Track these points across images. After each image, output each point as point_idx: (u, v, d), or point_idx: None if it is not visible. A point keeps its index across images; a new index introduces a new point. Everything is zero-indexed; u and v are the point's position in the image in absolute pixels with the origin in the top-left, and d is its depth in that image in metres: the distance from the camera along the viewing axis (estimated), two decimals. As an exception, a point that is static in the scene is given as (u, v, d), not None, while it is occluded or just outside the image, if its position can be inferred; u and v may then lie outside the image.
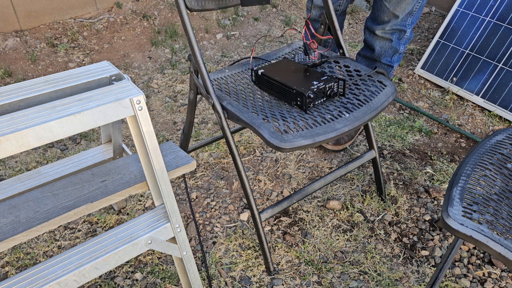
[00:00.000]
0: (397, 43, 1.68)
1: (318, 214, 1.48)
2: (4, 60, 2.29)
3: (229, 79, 1.35)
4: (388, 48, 1.70)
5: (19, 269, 1.28)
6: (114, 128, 1.15)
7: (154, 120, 1.96)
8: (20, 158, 1.71)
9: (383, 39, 1.69)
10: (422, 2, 1.60)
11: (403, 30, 1.64)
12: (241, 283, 1.25)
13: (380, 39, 1.70)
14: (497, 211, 0.90)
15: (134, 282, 1.25)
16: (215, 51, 2.58)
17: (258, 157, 1.75)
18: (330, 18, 1.41)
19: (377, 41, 1.71)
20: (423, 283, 1.26)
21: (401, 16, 1.60)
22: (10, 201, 0.89)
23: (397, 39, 1.68)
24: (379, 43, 1.71)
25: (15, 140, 0.68)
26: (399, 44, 1.69)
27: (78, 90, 0.84)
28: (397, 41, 1.68)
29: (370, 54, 1.76)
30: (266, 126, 1.08)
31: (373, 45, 1.73)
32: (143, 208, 1.49)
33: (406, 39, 1.69)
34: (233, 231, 1.42)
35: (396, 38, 1.67)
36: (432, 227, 1.45)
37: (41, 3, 2.47)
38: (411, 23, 1.64)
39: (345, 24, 2.98)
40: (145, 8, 2.81)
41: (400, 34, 1.66)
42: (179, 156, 1.03)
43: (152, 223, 0.93)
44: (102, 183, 0.94)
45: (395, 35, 1.67)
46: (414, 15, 1.63)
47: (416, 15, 1.63)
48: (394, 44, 1.68)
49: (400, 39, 1.68)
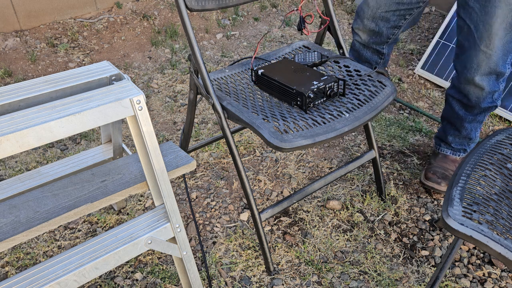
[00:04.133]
0: (495, 85, 1.37)
1: (318, 214, 1.48)
2: (4, 60, 2.29)
3: (229, 79, 1.35)
4: (487, 94, 1.40)
5: (19, 269, 1.28)
6: (114, 128, 1.15)
7: (154, 120, 1.96)
8: (20, 158, 1.71)
9: (476, 87, 1.39)
10: None
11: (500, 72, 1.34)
12: (241, 283, 1.25)
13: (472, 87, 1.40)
14: (497, 211, 0.90)
15: (134, 282, 1.25)
16: (215, 51, 2.58)
17: (258, 157, 1.75)
18: (330, 18, 1.41)
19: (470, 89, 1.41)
20: (423, 283, 1.26)
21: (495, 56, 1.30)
22: (10, 201, 0.89)
23: (495, 81, 1.37)
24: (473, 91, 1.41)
25: (15, 140, 0.68)
26: (497, 85, 1.38)
27: (78, 90, 0.84)
28: (495, 83, 1.37)
29: (466, 101, 1.45)
30: (266, 126, 1.08)
31: (467, 93, 1.43)
32: (143, 208, 1.49)
33: (504, 78, 1.39)
34: (233, 231, 1.42)
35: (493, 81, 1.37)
36: (432, 227, 1.45)
37: (41, 3, 2.47)
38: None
39: (345, 24, 2.98)
40: (145, 8, 2.81)
41: (498, 77, 1.36)
42: (179, 156, 1.03)
43: (152, 223, 0.93)
44: (102, 183, 0.94)
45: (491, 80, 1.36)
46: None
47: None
48: (491, 88, 1.38)
49: (498, 80, 1.38)
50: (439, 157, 1.61)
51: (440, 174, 1.54)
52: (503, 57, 1.30)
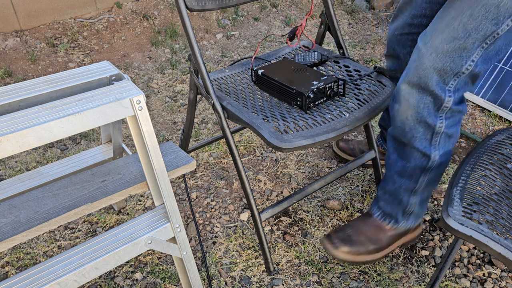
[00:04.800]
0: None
1: (318, 214, 1.48)
2: (4, 60, 2.29)
3: (229, 79, 1.35)
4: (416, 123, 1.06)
5: (19, 269, 1.28)
6: (114, 128, 1.15)
7: (154, 120, 1.96)
8: (20, 158, 1.71)
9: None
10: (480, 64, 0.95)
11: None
12: (241, 283, 1.25)
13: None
14: (497, 211, 0.90)
15: (134, 282, 1.25)
16: (215, 51, 2.58)
17: (258, 157, 1.75)
18: (330, 18, 1.41)
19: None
20: (423, 283, 1.26)
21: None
22: (10, 201, 0.89)
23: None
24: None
25: (15, 140, 0.68)
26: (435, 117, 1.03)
27: (78, 90, 0.84)
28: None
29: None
30: (266, 126, 1.08)
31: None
32: (143, 208, 1.49)
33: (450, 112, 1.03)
34: (233, 231, 1.42)
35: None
36: (432, 227, 1.45)
37: (41, 3, 2.47)
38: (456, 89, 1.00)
39: (345, 24, 2.98)
40: (145, 8, 2.81)
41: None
42: (179, 156, 1.03)
43: (152, 223, 0.93)
44: (102, 183, 0.94)
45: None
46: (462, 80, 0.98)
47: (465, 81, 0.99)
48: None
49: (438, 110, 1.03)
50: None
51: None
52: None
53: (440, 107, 1.01)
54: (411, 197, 1.16)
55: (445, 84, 0.97)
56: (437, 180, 1.15)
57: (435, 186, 1.16)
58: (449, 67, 0.95)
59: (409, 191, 1.15)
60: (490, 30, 0.89)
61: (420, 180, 1.13)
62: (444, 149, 1.08)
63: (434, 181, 1.15)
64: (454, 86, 0.98)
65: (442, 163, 1.10)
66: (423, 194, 1.16)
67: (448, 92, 0.98)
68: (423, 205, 1.20)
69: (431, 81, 0.98)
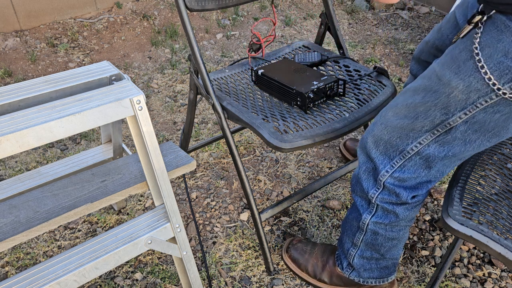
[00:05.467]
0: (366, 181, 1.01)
1: (318, 214, 1.48)
2: (4, 60, 2.29)
3: (229, 79, 1.35)
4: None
5: (19, 269, 1.28)
6: (114, 128, 1.15)
7: (154, 120, 1.96)
8: (20, 158, 1.71)
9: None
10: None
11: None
12: (241, 283, 1.25)
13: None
14: (497, 211, 0.90)
15: (134, 282, 1.25)
16: (215, 51, 2.58)
17: (258, 157, 1.75)
18: (330, 18, 1.42)
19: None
20: (423, 283, 1.26)
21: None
22: (10, 201, 0.89)
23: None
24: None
25: (15, 140, 0.68)
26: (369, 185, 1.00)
27: (78, 90, 0.84)
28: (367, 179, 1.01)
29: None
30: (266, 126, 1.08)
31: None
32: (143, 208, 1.49)
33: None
34: (233, 231, 1.42)
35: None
36: (432, 227, 1.45)
37: (41, 3, 2.47)
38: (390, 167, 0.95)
39: (345, 24, 2.98)
40: (145, 8, 2.81)
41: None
42: (179, 156, 1.03)
43: (152, 223, 0.93)
44: (102, 183, 0.94)
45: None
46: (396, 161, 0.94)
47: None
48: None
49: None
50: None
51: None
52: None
53: (376, 178, 0.97)
54: (351, 247, 1.10)
55: (390, 159, 0.93)
56: (378, 249, 1.05)
57: (378, 253, 1.07)
58: (394, 142, 0.92)
59: (350, 239, 1.10)
60: (439, 118, 0.84)
61: (357, 235, 1.07)
62: (380, 220, 1.01)
63: (374, 247, 1.06)
64: (400, 164, 0.93)
65: (378, 233, 1.02)
66: (363, 251, 1.08)
67: (389, 167, 0.94)
68: (364, 263, 1.10)
69: (377, 150, 0.96)
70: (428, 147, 0.89)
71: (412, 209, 0.97)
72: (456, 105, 0.82)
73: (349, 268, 1.14)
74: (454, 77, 0.80)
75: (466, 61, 0.78)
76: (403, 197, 0.94)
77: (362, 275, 1.12)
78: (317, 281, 1.21)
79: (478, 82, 0.77)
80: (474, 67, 0.77)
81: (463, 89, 0.79)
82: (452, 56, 0.81)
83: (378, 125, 0.95)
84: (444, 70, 0.82)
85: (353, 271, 1.13)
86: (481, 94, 0.78)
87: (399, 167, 0.93)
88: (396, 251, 1.07)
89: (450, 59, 0.81)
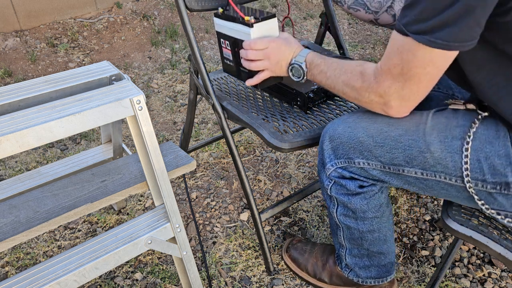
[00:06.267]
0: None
1: (318, 214, 1.48)
2: (4, 60, 2.29)
3: (229, 79, 1.35)
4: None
5: (19, 269, 1.28)
6: (114, 128, 1.15)
7: (154, 120, 1.96)
8: (20, 158, 1.71)
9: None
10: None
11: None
12: (241, 283, 1.26)
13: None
14: (497, 211, 0.90)
15: (134, 282, 1.25)
16: (215, 51, 2.58)
17: (258, 157, 1.75)
18: (330, 18, 1.42)
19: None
20: (423, 283, 1.26)
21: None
22: (10, 201, 0.89)
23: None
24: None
25: (15, 140, 0.68)
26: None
27: (78, 90, 0.84)
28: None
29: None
30: (266, 126, 1.08)
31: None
32: (143, 208, 1.49)
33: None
34: (233, 231, 1.42)
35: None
36: (432, 227, 1.45)
37: (41, 3, 2.47)
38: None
39: (345, 24, 2.98)
40: (145, 8, 2.81)
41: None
42: (179, 156, 1.03)
43: (152, 223, 0.93)
44: (102, 183, 0.94)
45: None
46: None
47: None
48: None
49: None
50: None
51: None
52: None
53: (325, 171, 0.99)
54: (340, 248, 1.12)
55: (336, 158, 0.95)
56: (361, 244, 1.05)
57: (363, 248, 1.06)
58: (347, 148, 0.92)
59: (336, 239, 1.11)
60: (398, 161, 0.86)
61: (338, 233, 1.08)
62: (344, 212, 1.02)
63: (356, 241, 1.06)
64: (343, 166, 0.95)
65: (351, 227, 1.03)
66: (351, 250, 1.09)
67: (333, 163, 0.96)
68: (357, 261, 1.10)
69: (329, 143, 0.96)
70: (373, 170, 0.91)
71: (369, 198, 0.97)
72: (421, 163, 0.85)
73: (346, 268, 1.14)
74: (437, 143, 0.82)
75: (455, 139, 0.81)
76: (351, 187, 0.95)
77: (359, 275, 1.12)
78: (317, 280, 1.21)
79: (454, 163, 0.81)
80: (459, 149, 0.80)
81: (437, 157, 0.82)
82: (447, 125, 0.83)
83: (345, 125, 0.93)
84: (433, 130, 0.83)
85: (350, 271, 1.13)
86: (448, 171, 0.82)
87: (341, 167, 0.95)
88: (382, 244, 1.06)
89: (444, 126, 0.83)
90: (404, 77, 0.78)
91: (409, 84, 0.78)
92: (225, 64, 1.15)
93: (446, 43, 0.70)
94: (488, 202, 0.81)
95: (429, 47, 0.71)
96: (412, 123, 0.86)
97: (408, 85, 0.79)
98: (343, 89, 0.91)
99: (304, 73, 0.99)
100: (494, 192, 0.78)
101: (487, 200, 0.81)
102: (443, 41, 0.69)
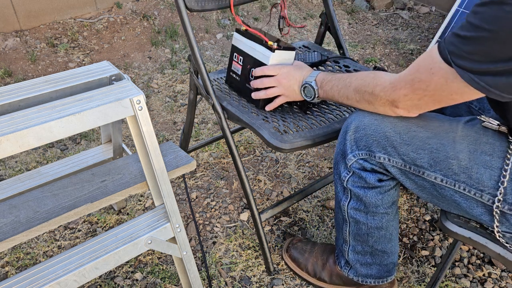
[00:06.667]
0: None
1: (318, 214, 1.48)
2: (4, 60, 2.29)
3: (229, 79, 1.35)
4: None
5: (19, 269, 1.28)
6: (114, 128, 1.15)
7: (154, 120, 1.96)
8: (20, 158, 1.71)
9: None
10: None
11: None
12: (241, 283, 1.26)
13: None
14: (497, 211, 0.90)
15: (134, 282, 1.25)
16: (215, 51, 2.58)
17: (258, 157, 1.75)
18: (330, 18, 1.42)
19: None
20: (423, 283, 1.26)
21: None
22: (10, 201, 0.89)
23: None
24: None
25: (15, 140, 0.68)
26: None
27: (78, 90, 0.84)
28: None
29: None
30: (266, 127, 1.08)
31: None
32: (143, 208, 1.49)
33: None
34: (233, 231, 1.42)
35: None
36: (432, 227, 1.45)
37: (41, 3, 2.47)
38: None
39: (345, 24, 2.98)
40: (145, 8, 2.81)
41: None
42: (179, 156, 1.03)
43: (152, 223, 0.93)
44: (102, 183, 0.94)
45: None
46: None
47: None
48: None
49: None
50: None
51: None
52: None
53: (345, 162, 0.98)
54: (343, 244, 1.11)
55: (358, 149, 0.94)
56: (366, 240, 1.05)
57: (367, 245, 1.06)
58: (371, 141, 0.91)
59: (340, 235, 1.11)
60: (422, 163, 0.86)
61: (344, 228, 1.08)
62: (356, 205, 1.01)
63: (362, 238, 1.05)
64: (364, 157, 0.94)
65: (360, 221, 1.03)
66: (355, 246, 1.09)
67: (355, 154, 0.95)
68: (359, 258, 1.10)
69: (353, 134, 0.95)
70: (392, 167, 0.91)
71: (384, 193, 0.97)
72: (444, 169, 0.84)
73: (346, 266, 1.14)
74: (466, 153, 0.81)
75: (485, 154, 0.80)
76: (370, 180, 0.95)
77: (360, 272, 1.12)
78: (317, 280, 1.21)
79: (478, 175, 0.79)
80: (495, 167, 0.79)
81: (463, 165, 0.81)
82: (477, 139, 0.82)
83: (372, 118, 0.92)
84: (463, 140, 0.82)
85: (350, 268, 1.13)
86: (470, 183, 0.81)
87: (362, 158, 0.94)
88: (386, 243, 1.06)
89: (474, 139, 0.82)
90: (425, 93, 0.77)
91: (427, 100, 0.78)
92: (231, 77, 1.22)
93: (488, 88, 0.68)
94: (501, 221, 0.81)
95: (467, 83, 0.70)
96: (442, 128, 0.85)
97: (425, 100, 0.78)
98: (355, 97, 0.91)
99: (315, 91, 1.01)
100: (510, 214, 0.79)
101: (500, 220, 0.81)
102: (486, 85, 0.68)
